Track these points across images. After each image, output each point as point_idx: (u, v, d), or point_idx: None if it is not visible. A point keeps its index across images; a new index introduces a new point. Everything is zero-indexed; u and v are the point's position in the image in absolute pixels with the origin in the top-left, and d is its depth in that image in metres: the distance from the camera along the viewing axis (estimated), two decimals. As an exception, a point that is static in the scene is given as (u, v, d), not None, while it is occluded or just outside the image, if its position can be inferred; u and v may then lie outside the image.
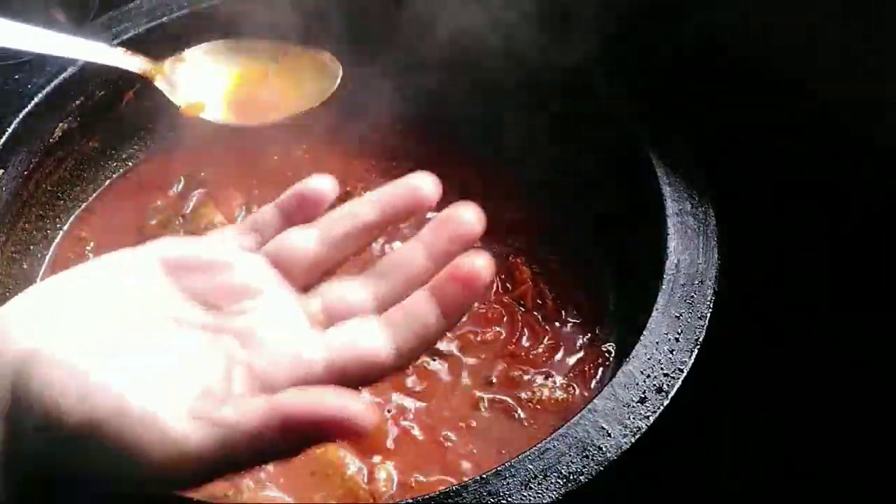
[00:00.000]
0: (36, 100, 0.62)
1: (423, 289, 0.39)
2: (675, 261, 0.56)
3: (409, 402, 0.60)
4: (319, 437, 0.35)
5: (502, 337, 0.64)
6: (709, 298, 0.55)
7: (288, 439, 0.34)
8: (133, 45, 0.66)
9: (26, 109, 0.61)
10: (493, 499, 0.45)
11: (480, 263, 0.39)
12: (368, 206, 0.42)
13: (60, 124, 0.65)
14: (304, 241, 0.41)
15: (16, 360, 0.35)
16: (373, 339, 0.38)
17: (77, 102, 0.65)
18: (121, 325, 0.37)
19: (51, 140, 0.65)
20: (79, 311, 0.37)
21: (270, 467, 0.56)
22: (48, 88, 0.63)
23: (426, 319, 0.38)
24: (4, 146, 0.60)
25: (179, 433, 0.34)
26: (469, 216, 0.41)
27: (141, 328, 0.37)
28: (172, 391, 0.35)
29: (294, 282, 0.41)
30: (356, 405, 0.35)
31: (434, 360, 0.62)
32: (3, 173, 0.60)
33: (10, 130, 0.60)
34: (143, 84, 0.67)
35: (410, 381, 0.61)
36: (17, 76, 0.63)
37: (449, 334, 0.64)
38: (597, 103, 0.67)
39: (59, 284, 0.39)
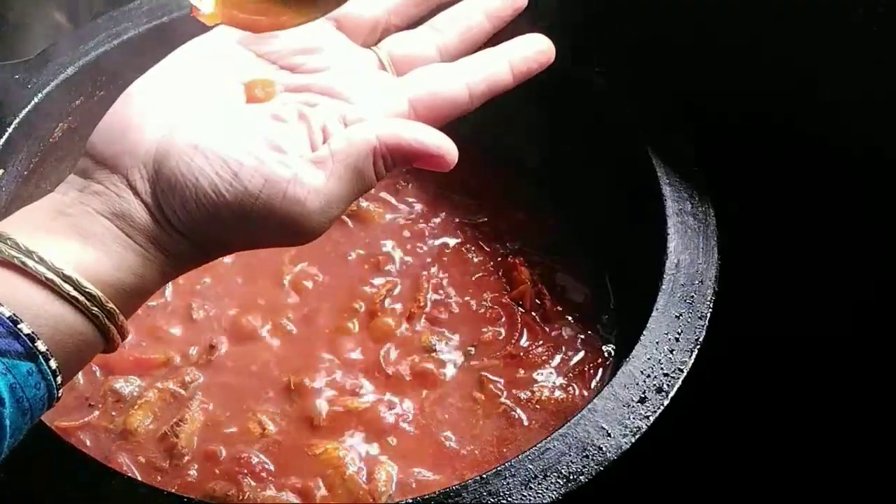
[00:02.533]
0: (36, 100, 0.62)
1: (494, 48, 0.45)
2: (675, 261, 0.56)
3: (410, 403, 0.60)
4: (410, 162, 0.41)
5: (501, 337, 0.64)
6: (709, 298, 0.55)
7: (393, 160, 0.40)
8: (133, 45, 0.66)
9: (26, 109, 0.61)
10: (493, 499, 0.45)
11: (549, 42, 0.45)
12: None
13: (60, 124, 0.65)
14: (365, 6, 0.46)
15: (151, 149, 0.39)
16: (450, 80, 0.43)
17: (77, 102, 0.65)
18: (221, 102, 0.41)
19: (51, 140, 0.65)
20: (185, 99, 0.41)
21: (273, 467, 0.56)
22: (48, 88, 0.63)
23: (497, 70, 0.44)
24: (4, 146, 0.60)
25: (317, 181, 0.39)
26: None
27: (238, 101, 0.41)
28: (292, 151, 0.39)
29: (356, 41, 0.46)
30: (449, 142, 0.41)
31: (434, 360, 0.62)
32: (3, 173, 0.60)
33: (10, 130, 0.60)
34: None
35: (411, 382, 0.61)
36: (16, 76, 0.63)
37: (448, 335, 0.64)
38: (597, 103, 0.67)
39: (159, 78, 0.42)
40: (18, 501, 0.45)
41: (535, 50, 0.45)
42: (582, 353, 0.64)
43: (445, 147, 0.41)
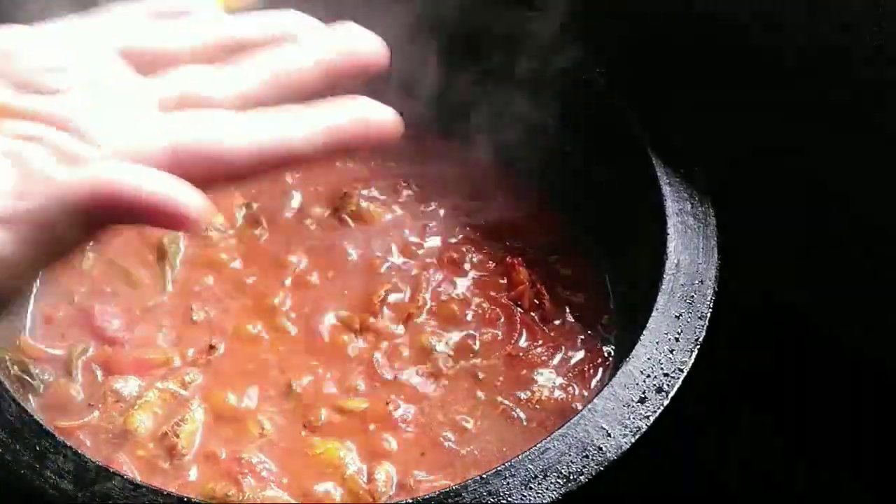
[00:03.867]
0: (36, 100, 0.62)
1: (310, 106, 0.34)
2: (675, 261, 0.56)
3: (409, 403, 0.60)
4: (139, 221, 0.31)
5: (500, 338, 0.64)
6: (709, 298, 0.55)
7: (109, 217, 0.31)
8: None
9: (26, 109, 0.61)
10: (493, 499, 0.45)
11: (392, 116, 0.34)
12: (234, 23, 0.37)
13: (60, 124, 0.65)
14: (158, 35, 0.36)
15: None
16: (230, 133, 0.32)
17: (77, 102, 0.65)
18: None
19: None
20: None
21: (273, 467, 0.56)
22: (48, 88, 0.62)
23: (294, 136, 0.33)
24: (4, 146, 0.60)
25: None
26: (369, 36, 0.36)
27: None
28: None
29: (139, 69, 0.35)
30: (192, 199, 0.30)
31: (433, 361, 0.62)
32: (3, 173, 0.60)
33: (9, 130, 0.60)
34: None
35: (410, 382, 0.61)
36: (16, 76, 0.62)
37: (448, 335, 0.64)
38: (597, 103, 0.67)
39: None
40: (18, 501, 0.45)
41: (350, 119, 0.34)
42: (582, 353, 0.64)
43: (186, 204, 0.30)
